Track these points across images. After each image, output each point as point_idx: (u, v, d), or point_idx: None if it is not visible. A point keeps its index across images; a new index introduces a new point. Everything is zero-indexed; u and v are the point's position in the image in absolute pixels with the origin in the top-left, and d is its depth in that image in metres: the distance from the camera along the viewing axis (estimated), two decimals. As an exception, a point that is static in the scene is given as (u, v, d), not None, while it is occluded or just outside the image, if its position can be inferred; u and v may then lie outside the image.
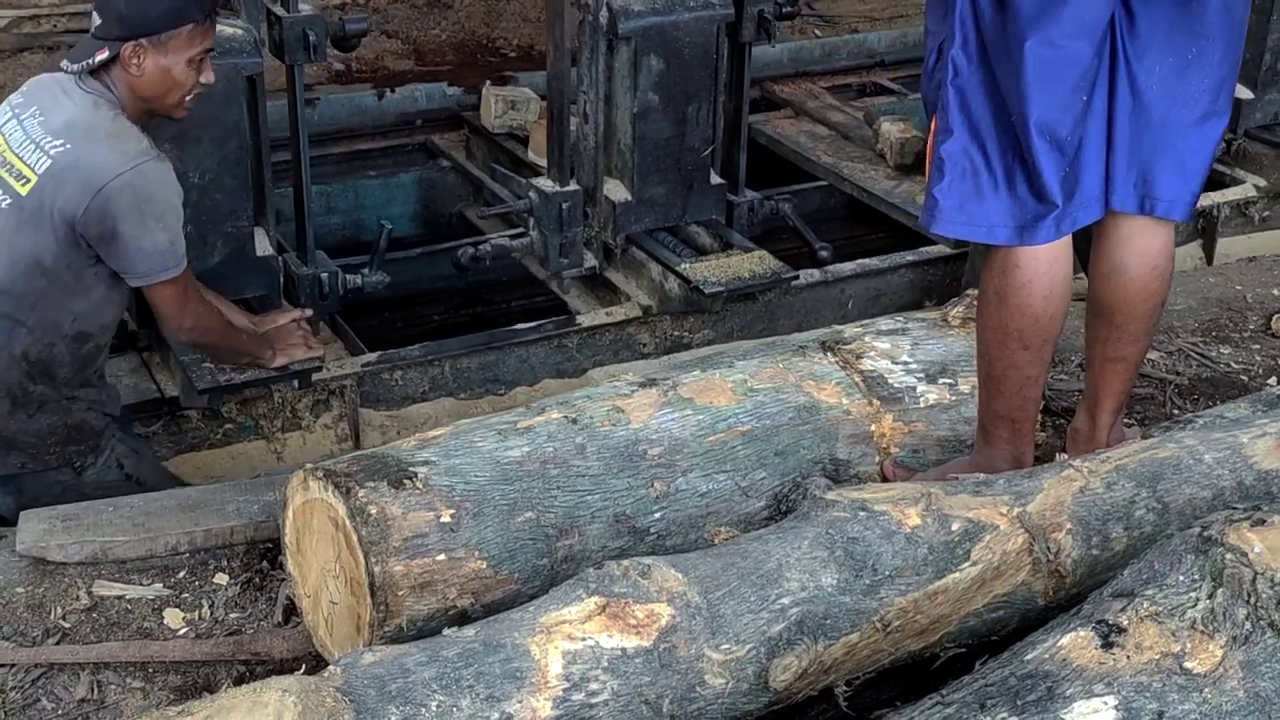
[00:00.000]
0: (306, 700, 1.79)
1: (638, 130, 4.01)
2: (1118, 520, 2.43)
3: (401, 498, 2.27)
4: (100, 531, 2.66)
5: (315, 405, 3.76)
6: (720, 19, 4.02)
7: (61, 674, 2.39)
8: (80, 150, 2.85)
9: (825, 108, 5.42)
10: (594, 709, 1.94)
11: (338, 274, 3.78)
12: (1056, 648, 1.97)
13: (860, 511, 2.30)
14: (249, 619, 2.55)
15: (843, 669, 2.22)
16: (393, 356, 3.82)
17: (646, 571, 2.09)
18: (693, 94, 4.03)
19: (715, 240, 4.27)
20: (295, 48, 3.54)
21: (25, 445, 2.97)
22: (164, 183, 2.92)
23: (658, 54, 3.94)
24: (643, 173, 4.07)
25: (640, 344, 4.13)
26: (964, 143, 2.50)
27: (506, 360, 3.96)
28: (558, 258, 3.98)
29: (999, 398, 2.63)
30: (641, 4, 3.90)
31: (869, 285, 4.36)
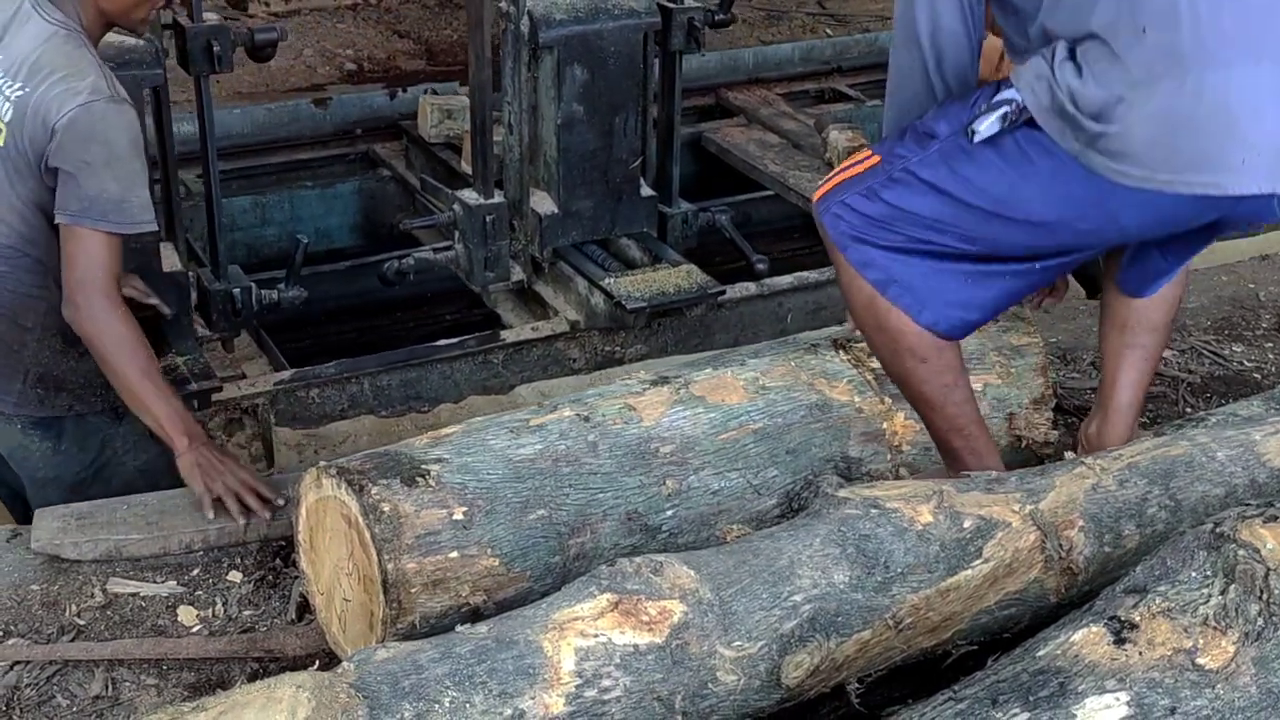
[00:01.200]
0: (320, 696, 1.79)
1: (562, 142, 3.92)
2: (1130, 517, 2.43)
3: (414, 495, 2.28)
4: (114, 530, 2.67)
5: (228, 424, 3.66)
6: (646, 27, 3.93)
7: (76, 671, 2.40)
8: (36, 92, 2.68)
9: (778, 115, 5.33)
10: (606, 705, 1.95)
11: (251, 289, 3.69)
12: (1068, 644, 1.98)
13: (872, 509, 2.30)
14: (262, 616, 2.56)
15: (855, 666, 2.22)
16: (307, 374, 3.71)
17: (659, 568, 2.09)
18: (619, 104, 3.95)
19: (645, 254, 4.17)
20: (200, 59, 3.46)
21: (73, 386, 2.92)
22: (114, 126, 2.69)
23: (581, 64, 3.85)
24: (569, 185, 3.98)
25: (570, 359, 4.04)
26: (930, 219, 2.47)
27: (429, 377, 3.86)
28: (483, 271, 3.91)
29: (933, 415, 2.60)
30: (564, 13, 3.82)
31: (808, 298, 4.27)
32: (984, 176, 2.40)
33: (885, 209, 2.46)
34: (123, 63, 3.25)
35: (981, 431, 2.59)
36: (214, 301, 3.68)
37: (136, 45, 3.34)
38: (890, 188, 2.46)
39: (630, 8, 3.89)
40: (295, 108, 5.16)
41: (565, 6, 3.83)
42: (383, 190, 5.03)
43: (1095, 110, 2.27)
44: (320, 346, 4.42)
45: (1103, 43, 2.26)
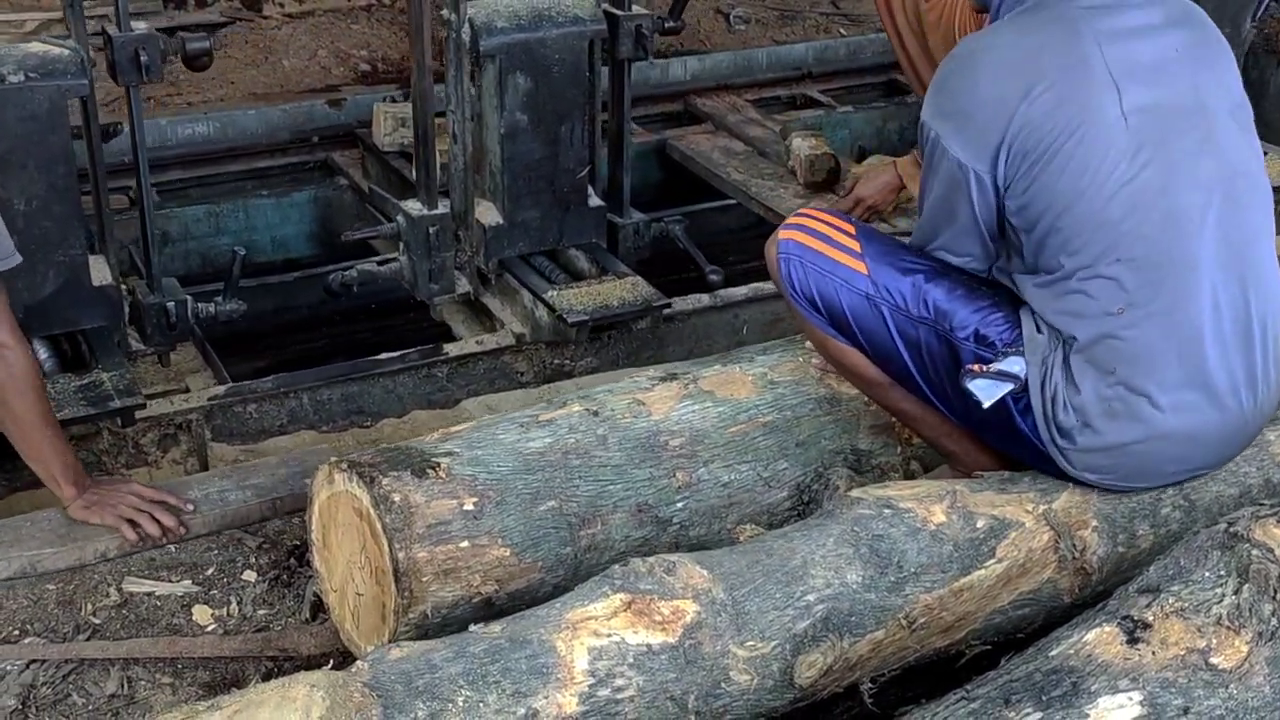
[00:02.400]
0: (334, 695, 1.80)
1: (506, 151, 3.83)
2: (1144, 518, 2.43)
3: (425, 486, 2.29)
4: (24, 546, 2.63)
5: (162, 440, 3.54)
6: (591, 35, 3.84)
7: (92, 670, 2.41)
8: None
9: (744, 122, 5.21)
10: (620, 705, 1.95)
11: (186, 302, 3.60)
12: (1081, 643, 1.98)
13: (885, 509, 2.30)
14: (276, 615, 2.57)
15: (868, 666, 2.22)
16: (243, 389, 3.62)
17: (672, 568, 2.10)
18: (565, 113, 3.85)
19: (593, 265, 4.08)
20: (128, 69, 3.37)
21: None
22: None
23: (524, 72, 3.76)
24: (514, 195, 3.89)
25: (517, 372, 3.94)
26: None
27: (371, 391, 3.75)
28: (428, 283, 3.84)
29: (917, 425, 2.63)
30: (505, 21, 3.73)
31: (764, 309, 4.15)
32: (946, 379, 2.45)
33: (841, 310, 2.50)
34: (46, 73, 3.19)
35: (966, 433, 2.59)
36: (148, 315, 3.57)
37: (61, 55, 3.27)
38: (858, 305, 2.48)
39: (574, 15, 3.79)
40: (263, 114, 5.08)
41: (507, 14, 3.74)
42: (340, 199, 4.90)
43: (1066, 428, 2.36)
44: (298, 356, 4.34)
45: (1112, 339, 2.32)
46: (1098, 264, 2.29)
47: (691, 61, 5.69)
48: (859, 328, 2.48)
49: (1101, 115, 2.28)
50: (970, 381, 2.36)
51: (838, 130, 5.43)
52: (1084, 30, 2.32)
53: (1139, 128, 2.29)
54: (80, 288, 3.37)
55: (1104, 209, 2.28)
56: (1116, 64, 2.30)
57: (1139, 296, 2.29)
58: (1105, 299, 2.30)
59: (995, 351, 2.38)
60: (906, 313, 2.45)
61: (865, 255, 2.50)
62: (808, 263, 2.50)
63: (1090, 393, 2.32)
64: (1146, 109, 2.30)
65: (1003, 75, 2.32)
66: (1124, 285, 2.29)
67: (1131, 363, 2.30)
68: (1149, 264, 2.29)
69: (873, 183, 4.20)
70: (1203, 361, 2.31)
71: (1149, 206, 2.28)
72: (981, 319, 2.41)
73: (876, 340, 2.48)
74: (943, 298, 2.44)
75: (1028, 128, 2.28)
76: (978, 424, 2.44)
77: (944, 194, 2.40)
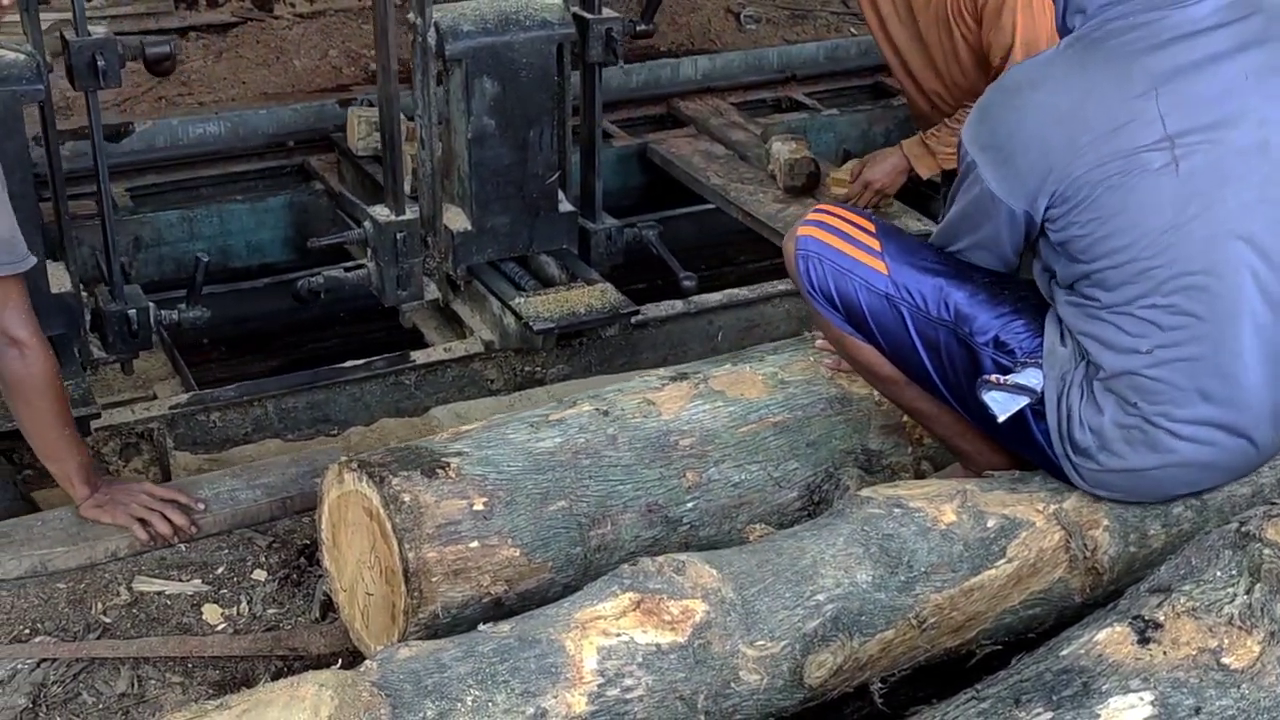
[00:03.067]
0: (343, 694, 1.80)
1: (474, 156, 3.78)
2: (1155, 518, 2.42)
3: (434, 486, 2.29)
4: (35, 546, 2.64)
5: (124, 449, 3.50)
6: (560, 39, 3.78)
7: (102, 669, 2.42)
8: None
9: (727, 125, 5.16)
10: (629, 704, 1.95)
11: (149, 310, 3.56)
12: (1092, 643, 1.97)
13: (895, 508, 2.29)
14: (286, 615, 2.57)
15: (878, 666, 2.22)
16: (205, 397, 3.58)
17: (681, 568, 2.09)
18: (533, 118, 3.79)
19: (563, 272, 4.03)
20: (85, 74, 3.34)
21: None
22: None
23: (491, 76, 3.71)
24: (482, 201, 3.83)
25: (487, 380, 3.91)
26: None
27: (338, 399, 3.71)
28: (395, 290, 3.80)
29: (931, 424, 2.62)
30: (472, 24, 3.67)
31: (740, 316, 4.13)
32: (964, 382, 2.43)
33: (860, 309, 2.48)
34: (1, 78, 3.15)
35: (978, 432, 2.58)
36: (109, 323, 3.53)
37: (16, 60, 3.22)
38: (877, 304, 2.47)
39: (543, 19, 3.74)
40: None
41: (474, 18, 3.68)
42: (316, 204, 4.82)
43: (1082, 446, 2.34)
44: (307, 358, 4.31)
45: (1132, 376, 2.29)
46: (1133, 304, 2.26)
47: (677, 64, 5.66)
48: (877, 327, 2.47)
49: (1149, 166, 2.20)
50: (986, 393, 2.34)
51: (823, 133, 5.37)
52: (1139, 75, 2.22)
53: (1190, 175, 2.21)
54: (38, 295, 3.22)
55: (1146, 257, 2.23)
56: (1172, 110, 2.21)
57: (1172, 338, 2.25)
58: (1136, 336, 2.26)
59: (1015, 360, 2.37)
60: (926, 314, 2.43)
61: (885, 254, 2.48)
62: (826, 260, 2.49)
63: (1110, 418, 2.30)
64: (1200, 155, 2.21)
65: (1048, 121, 2.26)
66: (1159, 326, 2.25)
67: (1154, 400, 2.27)
68: (1186, 311, 2.24)
69: (879, 166, 4.19)
70: (1230, 403, 2.28)
71: (1192, 257, 2.22)
72: (1003, 325, 2.39)
73: (895, 340, 2.47)
74: (964, 301, 2.42)
75: (1069, 177, 2.23)
76: (993, 425, 2.43)
77: (972, 212, 2.38)
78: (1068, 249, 2.29)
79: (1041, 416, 2.36)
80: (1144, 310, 2.25)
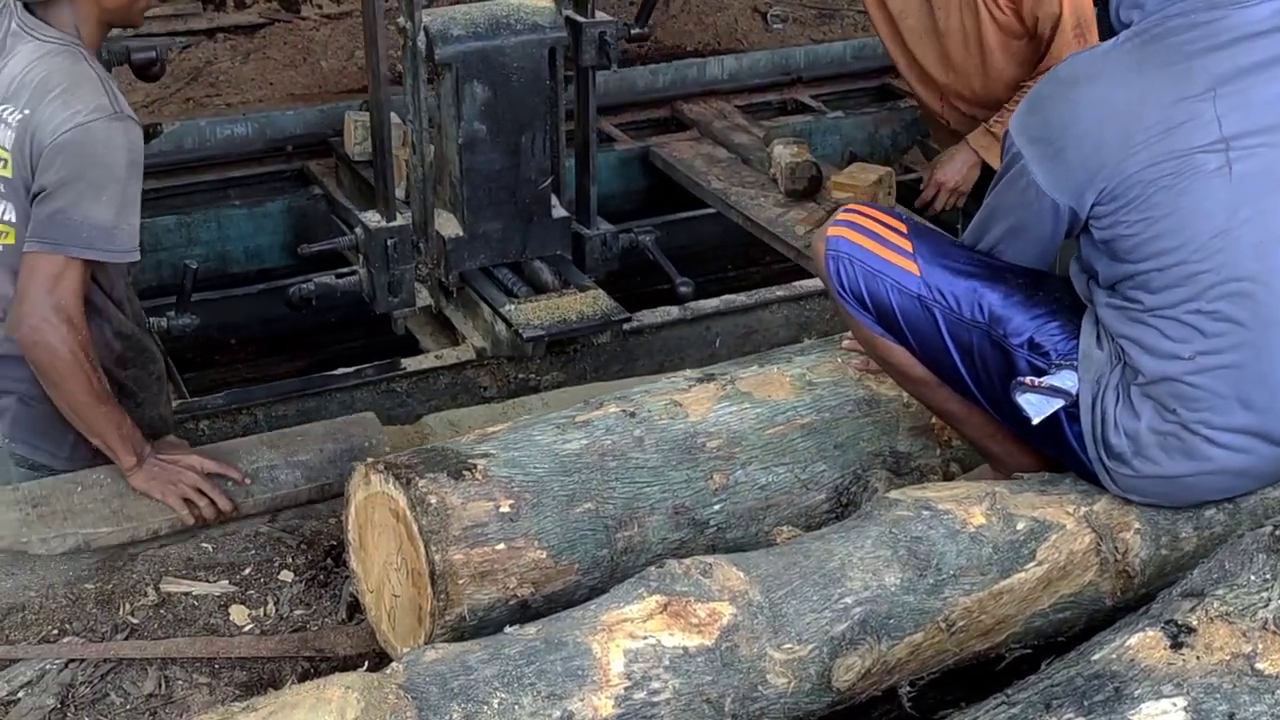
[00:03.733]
0: (369, 697, 1.79)
1: (466, 162, 3.76)
2: (1187, 520, 2.39)
3: (461, 488, 2.28)
4: (78, 521, 2.64)
5: None
6: (551, 43, 3.75)
7: (130, 669, 2.42)
8: (37, 113, 2.51)
9: (731, 128, 5.15)
10: (655, 708, 1.94)
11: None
12: (1124, 648, 1.95)
13: (924, 510, 2.28)
14: (313, 616, 2.57)
15: (906, 669, 2.20)
16: (194, 405, 3.57)
17: (708, 570, 2.08)
18: (525, 122, 3.78)
19: (556, 278, 3.99)
20: None
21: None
22: (115, 147, 2.51)
23: (482, 81, 3.69)
24: (474, 207, 3.81)
25: (481, 387, 3.88)
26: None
27: (329, 406, 3.70)
28: (386, 296, 3.77)
29: (961, 426, 2.59)
30: (462, 28, 3.65)
31: (737, 322, 4.11)
32: (997, 384, 2.41)
33: (892, 310, 2.46)
34: None
35: (1009, 433, 2.56)
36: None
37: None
38: (909, 306, 2.44)
39: (534, 22, 3.71)
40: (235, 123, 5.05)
41: (464, 22, 3.67)
42: (314, 209, 4.84)
43: (1116, 450, 2.32)
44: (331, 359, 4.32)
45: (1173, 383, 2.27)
46: (1177, 308, 2.23)
47: (680, 67, 5.64)
48: (909, 328, 2.45)
49: (1203, 169, 2.18)
50: (1020, 395, 2.32)
51: (828, 135, 5.35)
52: (1199, 75, 2.20)
53: (1244, 178, 2.18)
54: None
55: (1193, 260, 2.20)
56: (1230, 112, 2.19)
57: (1214, 345, 2.22)
58: (1179, 341, 2.24)
59: (1049, 362, 2.35)
60: (959, 316, 2.41)
61: (918, 255, 2.45)
62: (857, 261, 2.46)
63: (1146, 424, 2.28)
64: (1256, 159, 2.19)
65: (1103, 116, 2.23)
66: (1202, 332, 2.23)
67: (1194, 407, 2.25)
68: (1230, 318, 2.21)
69: (949, 166, 4.06)
70: (1270, 411, 2.25)
71: (1240, 263, 2.20)
72: (1038, 327, 2.37)
73: (927, 342, 2.44)
74: (998, 303, 2.40)
75: (1120, 175, 2.21)
76: (1025, 427, 2.41)
77: (1013, 204, 2.36)
78: (1112, 248, 2.27)
79: (1075, 419, 2.34)
80: (1188, 315, 2.23)
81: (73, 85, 2.53)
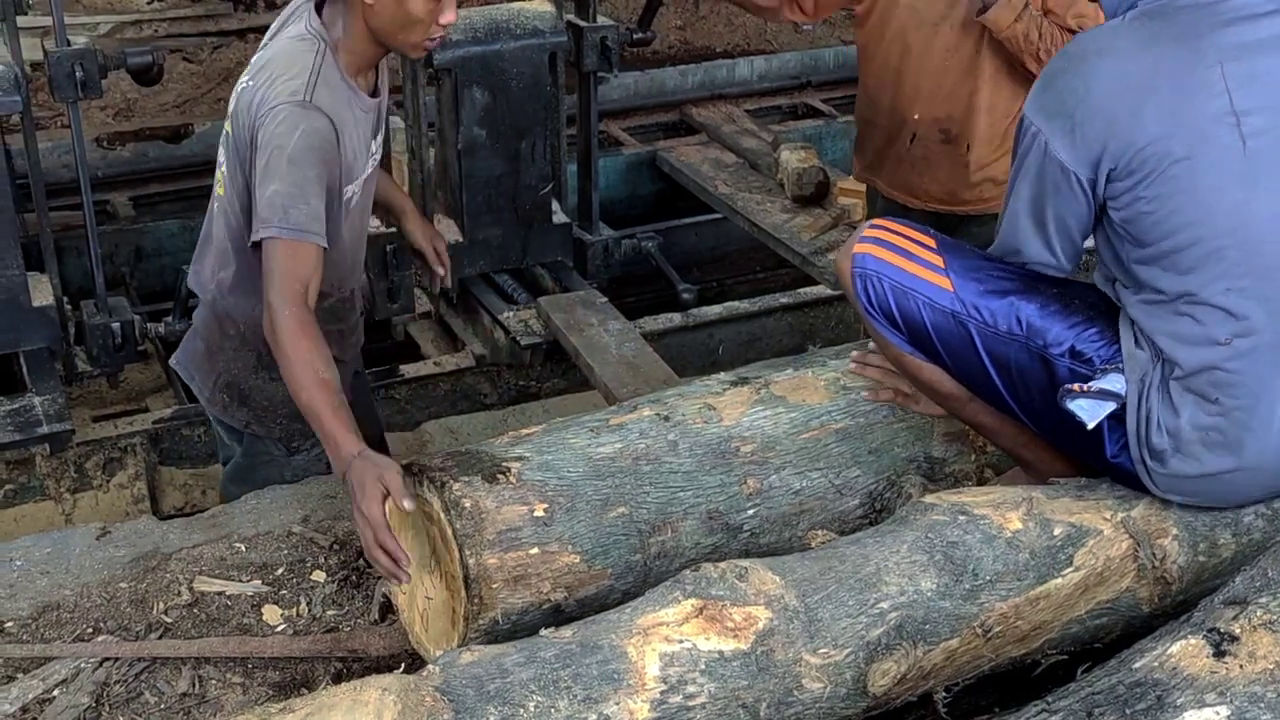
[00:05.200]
0: (406, 699, 1.79)
1: (465, 167, 3.74)
2: (1226, 526, 2.37)
3: (495, 491, 2.28)
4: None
5: (108, 464, 3.47)
6: (551, 47, 3.72)
7: (164, 668, 2.43)
8: (255, 88, 2.60)
9: (740, 132, 5.11)
10: (691, 711, 1.93)
11: (134, 323, 3.52)
12: (1166, 656, 1.94)
13: (960, 515, 2.27)
14: (346, 616, 2.57)
15: (942, 675, 2.19)
16: (188, 411, 3.53)
17: (744, 574, 2.07)
18: (525, 128, 3.75)
19: (556, 284, 3.97)
20: (65, 85, 3.32)
21: (256, 405, 2.88)
22: (291, 130, 2.55)
23: (481, 86, 3.67)
24: (473, 212, 3.78)
25: (481, 394, 3.86)
26: None
27: None
28: (385, 302, 3.74)
29: (995, 436, 2.58)
30: (461, 34, 3.62)
31: (740, 329, 4.08)
32: (1037, 396, 2.38)
33: (924, 327, 2.44)
34: None
35: (1041, 443, 2.54)
36: (92, 336, 3.50)
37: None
38: (942, 322, 2.42)
39: (534, 27, 3.69)
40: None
41: (463, 27, 3.64)
42: None
43: (1158, 449, 2.30)
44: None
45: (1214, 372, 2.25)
46: (1206, 290, 2.22)
47: (688, 70, 5.61)
48: (942, 345, 2.42)
49: (1216, 141, 2.18)
50: (1071, 402, 2.30)
51: (838, 140, 5.30)
52: (1208, 48, 2.21)
53: (1259, 153, 2.18)
54: (17, 309, 3.28)
55: (1214, 236, 2.19)
56: (1240, 87, 2.19)
57: (1248, 327, 2.21)
58: (1213, 327, 2.23)
59: (1093, 368, 2.33)
60: (995, 331, 2.39)
61: (950, 270, 2.43)
62: (885, 278, 2.44)
63: (1188, 420, 2.26)
64: (1269, 132, 2.19)
65: (1115, 88, 2.23)
66: (1234, 314, 2.21)
67: (1235, 394, 2.24)
68: (1260, 295, 2.20)
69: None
70: None
71: (1263, 237, 2.19)
72: (1077, 335, 2.35)
73: (960, 357, 2.42)
74: (1036, 314, 2.38)
75: (1134, 148, 2.20)
76: (1062, 436, 2.39)
77: (1036, 194, 2.34)
78: (1132, 230, 2.26)
79: (1116, 423, 2.32)
80: (1217, 297, 2.22)
81: (288, 71, 2.58)
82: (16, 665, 2.41)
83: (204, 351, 2.88)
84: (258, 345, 2.74)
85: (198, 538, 2.74)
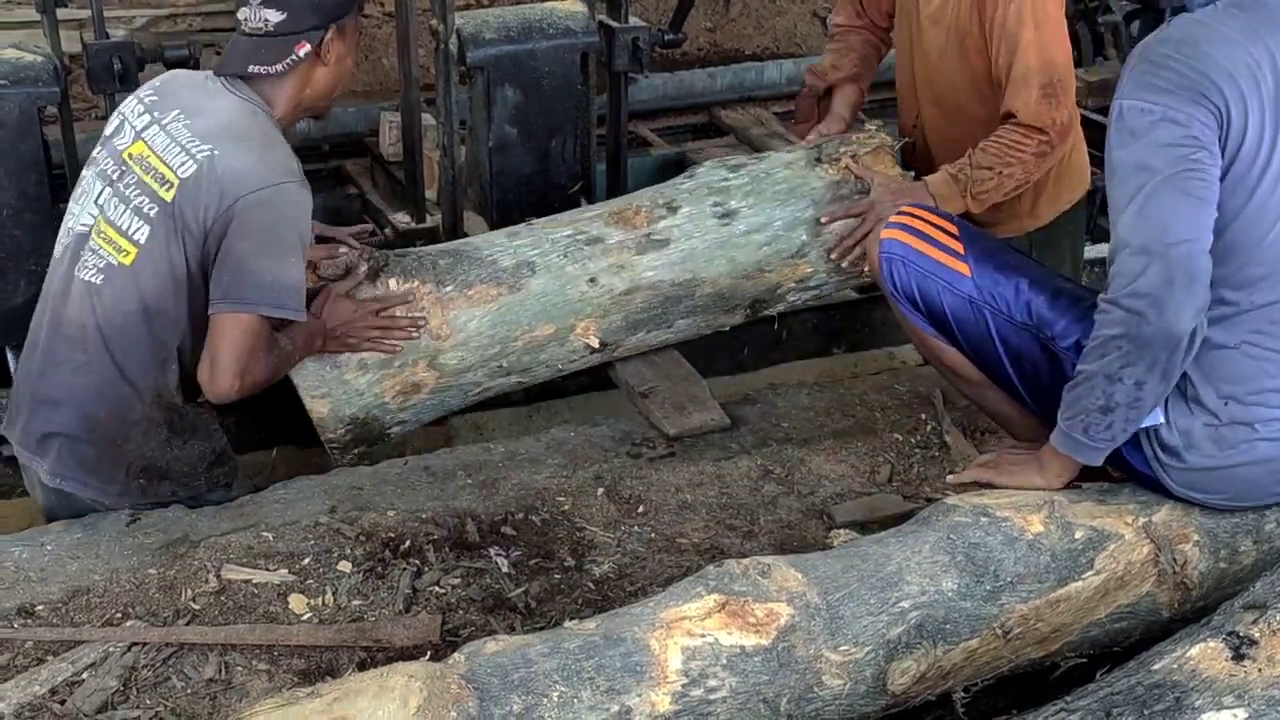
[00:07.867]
0: (432, 685, 1.82)
1: (496, 165, 3.75)
2: (1247, 533, 2.38)
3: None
4: None
5: None
6: (583, 47, 3.73)
7: (191, 654, 2.45)
8: (228, 158, 2.62)
9: (768, 135, 5.06)
10: (712, 705, 1.95)
11: None
12: (1185, 658, 1.95)
13: (982, 517, 2.28)
14: (370, 606, 2.59)
15: (961, 674, 2.21)
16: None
17: (766, 571, 2.09)
18: (556, 127, 3.75)
19: None
20: (103, 77, 3.33)
21: (178, 474, 2.88)
22: (302, 211, 2.67)
23: (513, 84, 3.68)
24: (503, 210, 3.77)
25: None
26: None
27: None
28: None
29: (1011, 426, 2.62)
30: (494, 32, 3.63)
31: (764, 332, 3.98)
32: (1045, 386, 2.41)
33: (943, 311, 2.47)
34: (17, 80, 3.17)
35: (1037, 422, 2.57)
36: None
37: (33, 62, 3.23)
38: (960, 307, 2.45)
39: (566, 27, 3.69)
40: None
41: (496, 25, 3.66)
42: (349, 209, 4.70)
43: (1170, 445, 2.30)
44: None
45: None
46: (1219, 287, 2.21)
47: (717, 73, 5.62)
48: (960, 329, 2.46)
49: (1258, 130, 2.15)
50: None
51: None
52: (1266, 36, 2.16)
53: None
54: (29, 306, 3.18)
55: (1233, 233, 2.19)
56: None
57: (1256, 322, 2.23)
58: (1225, 325, 2.23)
59: None
60: (1009, 318, 2.42)
61: (969, 257, 2.47)
62: (910, 262, 2.48)
63: (1200, 415, 2.27)
64: None
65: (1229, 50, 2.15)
66: (1245, 311, 2.23)
67: (1246, 388, 2.25)
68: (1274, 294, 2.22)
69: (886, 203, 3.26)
70: None
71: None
72: (1085, 329, 2.37)
73: (977, 343, 2.45)
74: (1045, 305, 2.40)
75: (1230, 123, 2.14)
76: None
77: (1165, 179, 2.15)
78: None
79: None
80: (1231, 294, 2.22)
81: (267, 142, 2.68)
82: (46, 648, 2.44)
83: (97, 456, 2.79)
84: (163, 415, 2.79)
85: (226, 526, 2.77)
